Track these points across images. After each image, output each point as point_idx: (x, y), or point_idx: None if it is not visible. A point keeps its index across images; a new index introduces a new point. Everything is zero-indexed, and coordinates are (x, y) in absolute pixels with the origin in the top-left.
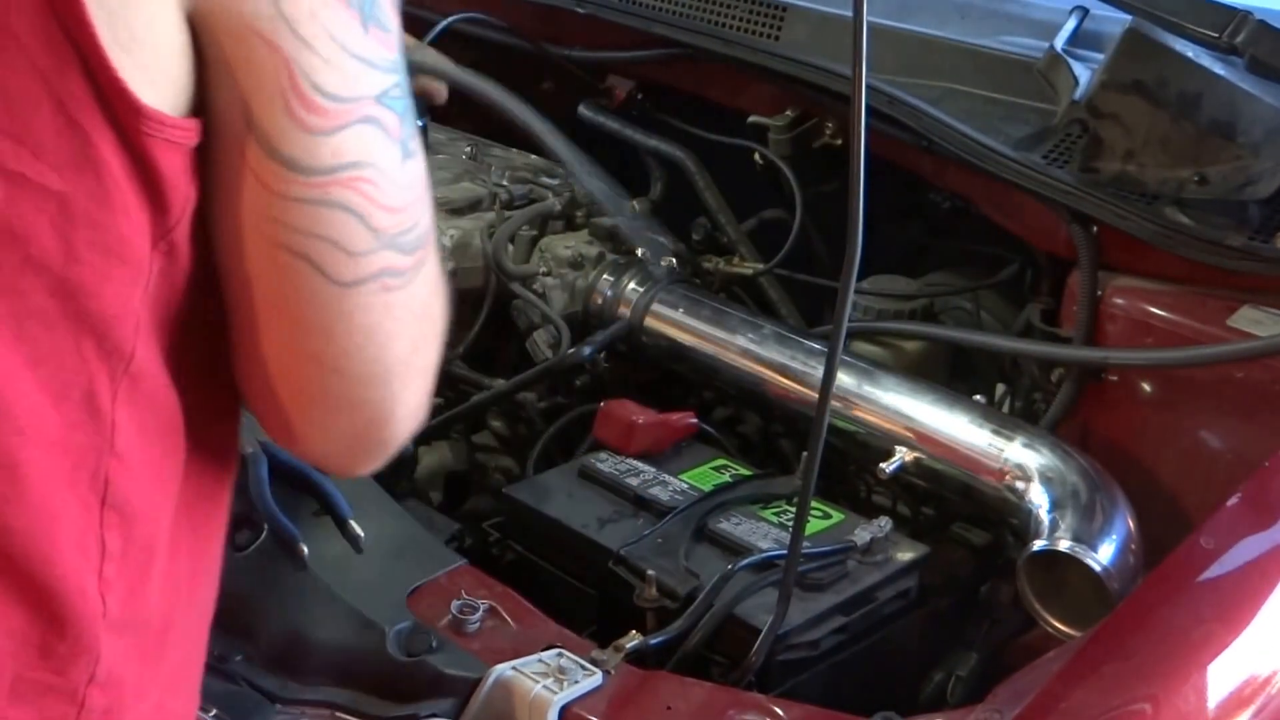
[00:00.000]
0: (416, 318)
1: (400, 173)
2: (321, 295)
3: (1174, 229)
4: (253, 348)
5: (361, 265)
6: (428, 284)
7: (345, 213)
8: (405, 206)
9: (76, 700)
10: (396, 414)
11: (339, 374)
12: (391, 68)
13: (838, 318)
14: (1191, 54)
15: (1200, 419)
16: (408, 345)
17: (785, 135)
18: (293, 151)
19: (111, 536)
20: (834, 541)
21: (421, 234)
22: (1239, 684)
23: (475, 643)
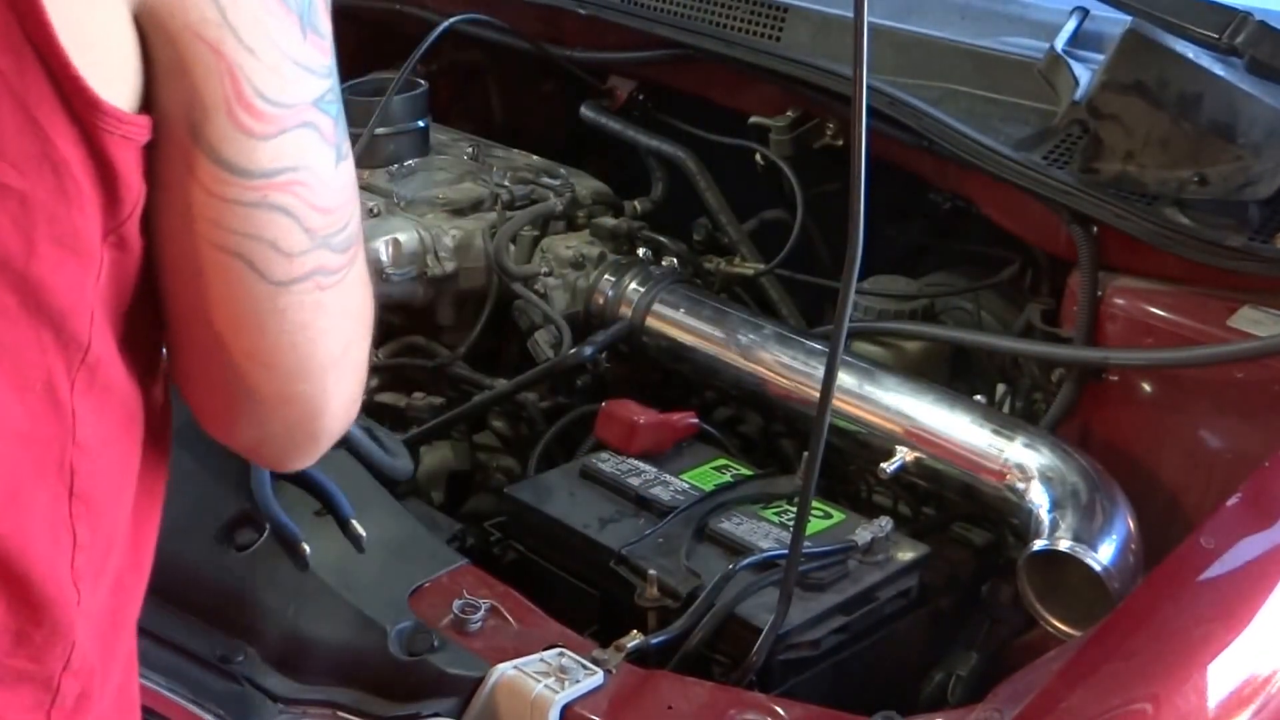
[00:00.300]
0: (348, 314)
1: (333, 175)
2: (256, 294)
3: (1174, 229)
4: (188, 341)
5: (296, 265)
6: (358, 282)
7: (282, 215)
8: (337, 208)
9: (51, 687)
10: (328, 408)
11: (271, 370)
12: (327, 73)
13: (839, 318)
14: (1191, 55)
15: (1200, 419)
16: (339, 342)
17: (786, 136)
18: (233, 156)
19: (81, 527)
20: (835, 541)
21: (352, 233)
22: (1239, 683)
23: (477, 642)
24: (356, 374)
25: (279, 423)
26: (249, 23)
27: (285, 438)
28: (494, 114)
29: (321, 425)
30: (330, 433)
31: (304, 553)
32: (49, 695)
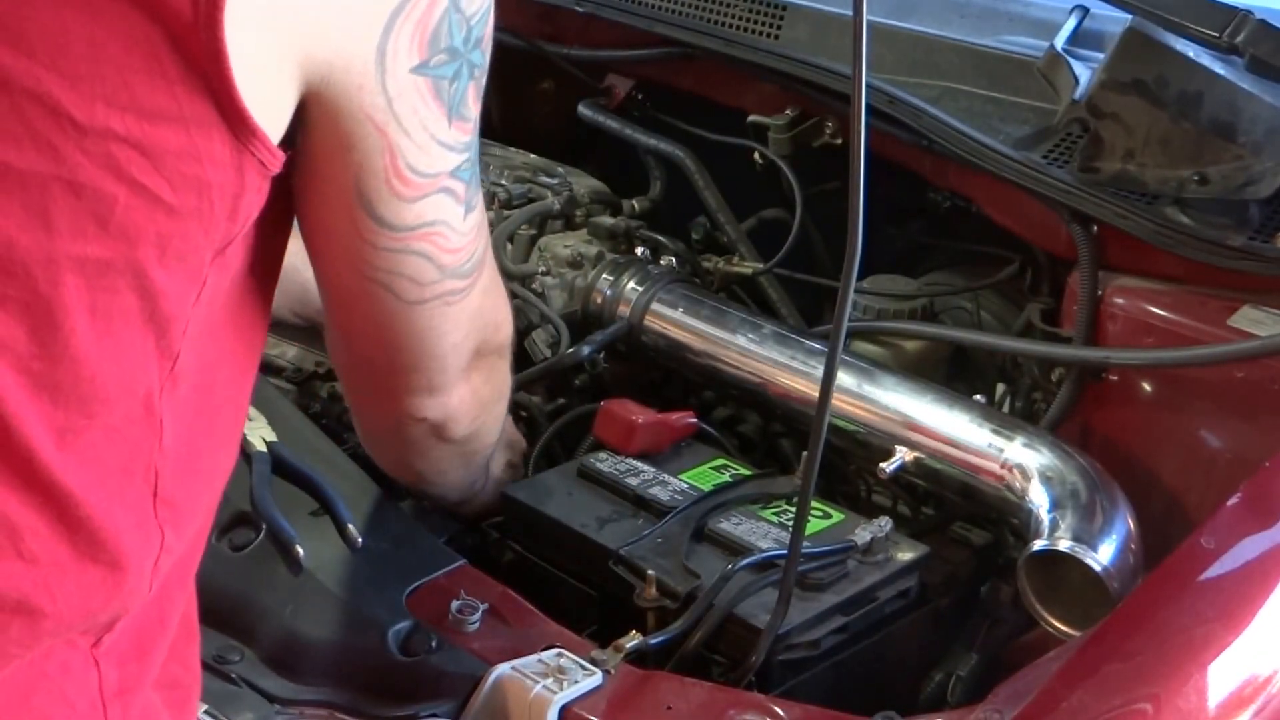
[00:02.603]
0: (469, 317)
1: (463, 225)
2: (393, 309)
3: (1174, 229)
4: (343, 336)
5: (428, 291)
6: (481, 293)
7: (420, 258)
8: (464, 248)
9: (96, 667)
10: (466, 404)
11: (412, 368)
12: (465, 149)
13: (838, 317)
14: (1192, 53)
15: (1200, 419)
16: (469, 346)
17: (785, 134)
18: (386, 214)
19: (169, 530)
20: (834, 541)
21: (476, 261)
22: (1240, 684)
23: (475, 643)
24: (476, 358)
25: (421, 403)
26: (408, 111)
27: (424, 418)
28: (491, 112)
29: (446, 409)
30: (449, 405)
31: (298, 555)
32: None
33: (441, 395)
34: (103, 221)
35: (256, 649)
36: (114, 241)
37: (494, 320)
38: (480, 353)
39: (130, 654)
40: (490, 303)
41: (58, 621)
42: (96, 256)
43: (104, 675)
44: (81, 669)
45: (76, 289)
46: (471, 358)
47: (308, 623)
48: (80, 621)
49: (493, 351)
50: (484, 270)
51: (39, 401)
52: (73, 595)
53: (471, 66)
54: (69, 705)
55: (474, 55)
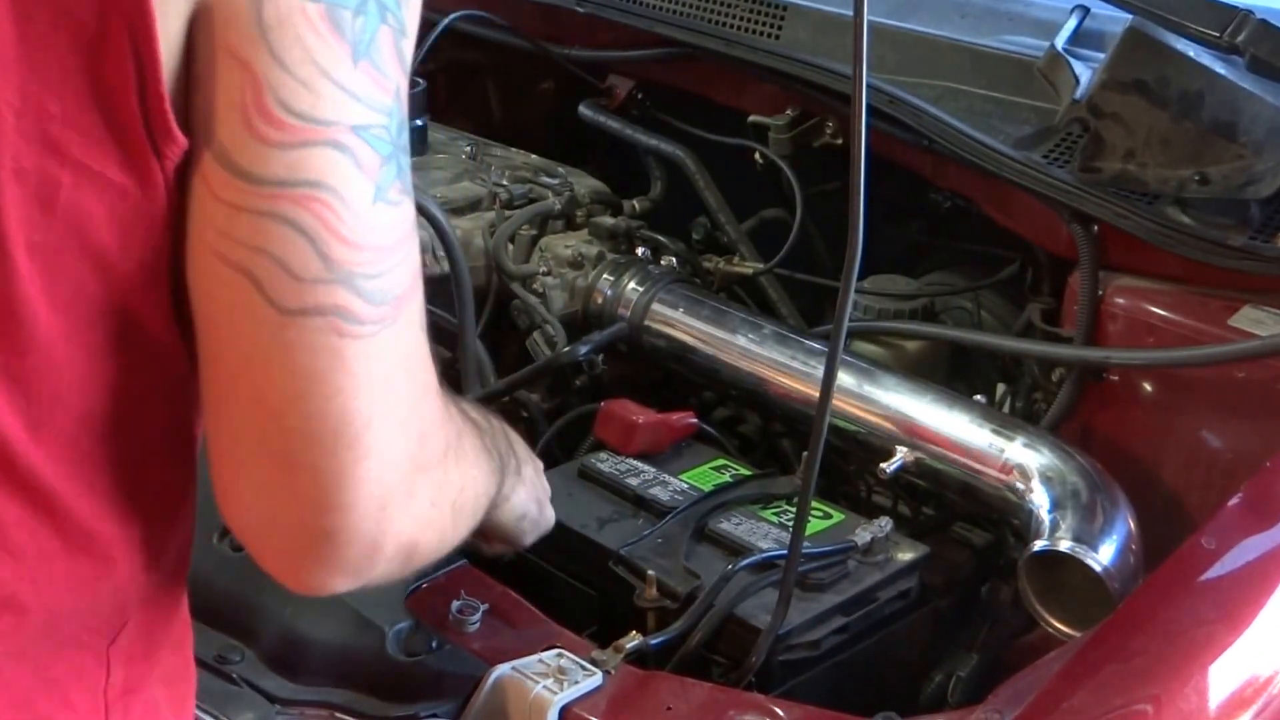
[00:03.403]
0: (380, 384)
1: (369, 212)
2: (260, 318)
3: (1175, 229)
4: (207, 382)
5: (306, 293)
6: (400, 352)
7: (293, 230)
8: (370, 248)
9: (105, 665)
10: (345, 498)
11: (277, 421)
12: (382, 109)
13: (838, 317)
14: (1192, 53)
15: (1201, 419)
16: (362, 415)
17: (786, 135)
18: (245, 161)
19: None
20: (834, 541)
21: (392, 288)
22: (1240, 684)
23: (475, 643)
24: (392, 469)
25: (284, 499)
26: (288, 41)
27: (291, 526)
28: (492, 113)
29: (336, 522)
30: (352, 539)
31: None
32: (104, 672)
33: (330, 514)
34: (48, 205)
35: (257, 649)
36: (63, 225)
37: (411, 414)
38: (420, 463)
39: (140, 653)
40: (417, 389)
41: (46, 617)
42: (45, 242)
43: (112, 675)
44: (92, 670)
45: (32, 276)
46: (409, 461)
47: (308, 623)
48: (73, 617)
49: (433, 464)
50: (407, 326)
51: (11, 394)
52: (60, 589)
53: (384, 9)
54: (70, 708)
55: (389, 1)
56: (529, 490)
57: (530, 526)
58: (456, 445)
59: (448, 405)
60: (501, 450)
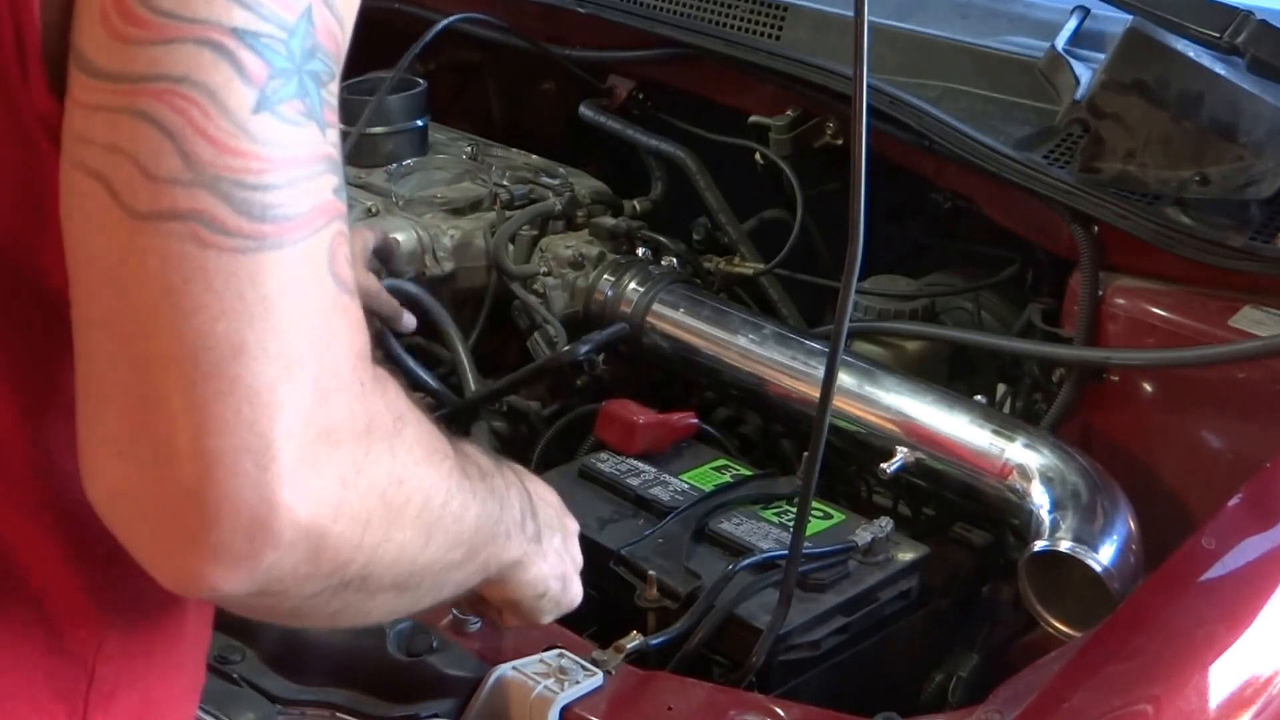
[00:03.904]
0: (256, 309)
1: (250, 120)
2: (112, 225)
3: (1175, 229)
4: (73, 317)
5: (162, 194)
6: (290, 281)
7: (151, 126)
8: (246, 154)
9: (87, 670)
10: (207, 443)
11: (128, 347)
12: (277, 21)
13: (839, 318)
14: (1193, 54)
15: (1201, 419)
16: (231, 339)
17: (786, 135)
18: (103, 61)
19: None
20: (835, 542)
21: (279, 206)
22: (1241, 684)
23: (476, 643)
24: (276, 429)
25: (139, 450)
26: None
27: (151, 488)
28: (493, 113)
29: (199, 478)
30: (224, 506)
31: None
32: (85, 678)
33: (187, 463)
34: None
35: (258, 649)
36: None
37: (335, 377)
38: (324, 428)
39: (139, 649)
40: (316, 329)
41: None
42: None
43: (97, 678)
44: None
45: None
46: (302, 416)
47: None
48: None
49: (346, 435)
50: (310, 258)
51: None
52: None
53: None
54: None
55: None
56: (552, 564)
57: (550, 606)
58: (391, 430)
59: (384, 387)
60: (514, 504)
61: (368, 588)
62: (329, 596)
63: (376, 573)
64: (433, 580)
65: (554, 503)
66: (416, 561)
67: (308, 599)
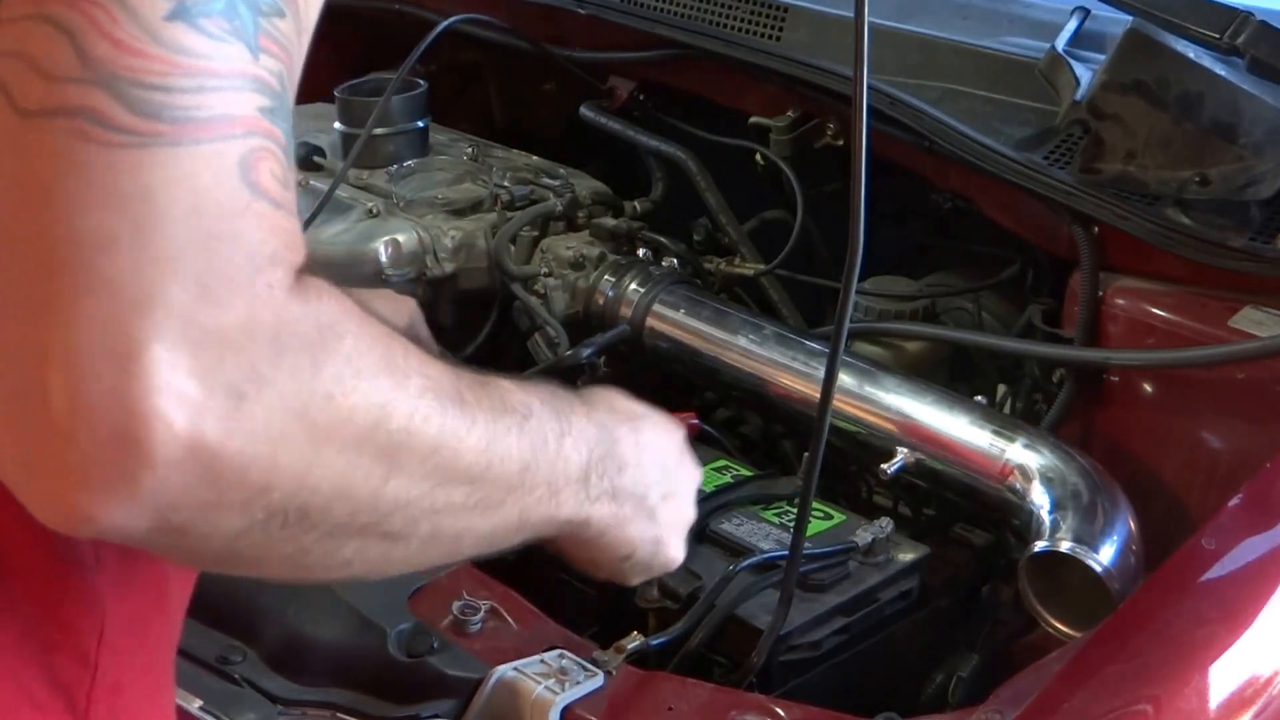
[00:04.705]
0: (136, 202)
1: (161, 26)
2: (0, 123)
3: (1175, 230)
4: None
5: (53, 92)
6: (184, 178)
7: (52, 27)
8: (150, 56)
9: (89, 663)
10: (58, 342)
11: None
12: None
13: (839, 318)
14: (1193, 55)
15: (1202, 420)
16: (101, 231)
17: (786, 136)
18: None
19: None
20: (835, 542)
21: (184, 109)
22: (1241, 685)
23: (477, 643)
24: (143, 325)
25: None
26: None
27: (7, 397)
28: (494, 114)
29: (51, 381)
30: (83, 415)
31: None
32: (88, 672)
33: (48, 381)
34: None
35: (259, 649)
36: None
37: (229, 274)
38: (216, 332)
39: (136, 645)
40: (209, 237)
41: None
42: None
43: (100, 674)
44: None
45: None
46: (182, 315)
47: (310, 623)
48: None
49: (245, 342)
50: (216, 164)
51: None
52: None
53: None
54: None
55: None
56: (640, 527)
57: (638, 569)
58: (315, 340)
59: (314, 295)
60: (569, 457)
61: (320, 526)
62: (267, 537)
63: (318, 504)
64: (430, 526)
65: (658, 458)
66: (382, 496)
67: (235, 538)
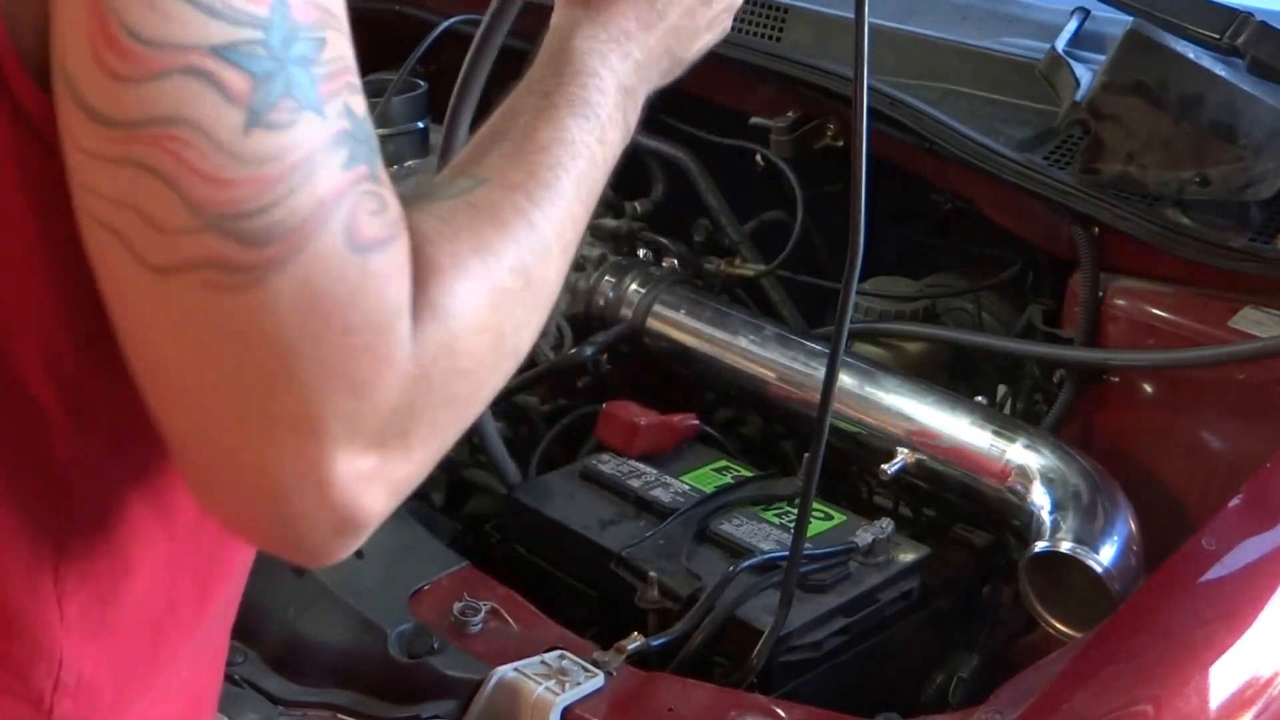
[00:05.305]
0: (269, 340)
1: (241, 143)
2: (134, 281)
3: (1175, 230)
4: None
5: (177, 247)
6: (307, 291)
7: (150, 176)
8: (244, 182)
9: (43, 708)
10: (266, 481)
11: (178, 399)
12: (250, 21)
13: (839, 319)
14: (1193, 55)
15: (1201, 420)
16: (265, 376)
17: (787, 137)
18: (97, 101)
19: (73, 540)
20: (836, 543)
21: (283, 221)
22: (1241, 685)
23: (477, 644)
24: (304, 433)
25: (228, 495)
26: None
27: (234, 516)
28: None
29: (284, 510)
30: (314, 511)
31: None
32: (42, 715)
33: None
34: None
35: (260, 650)
36: None
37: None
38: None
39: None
40: (326, 331)
41: None
42: None
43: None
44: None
45: None
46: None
47: (311, 624)
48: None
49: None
50: (300, 263)
51: None
52: None
53: None
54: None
55: None
56: (650, 51)
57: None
58: (449, 351)
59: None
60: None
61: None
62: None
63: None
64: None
65: (671, 34)
66: (526, 344)
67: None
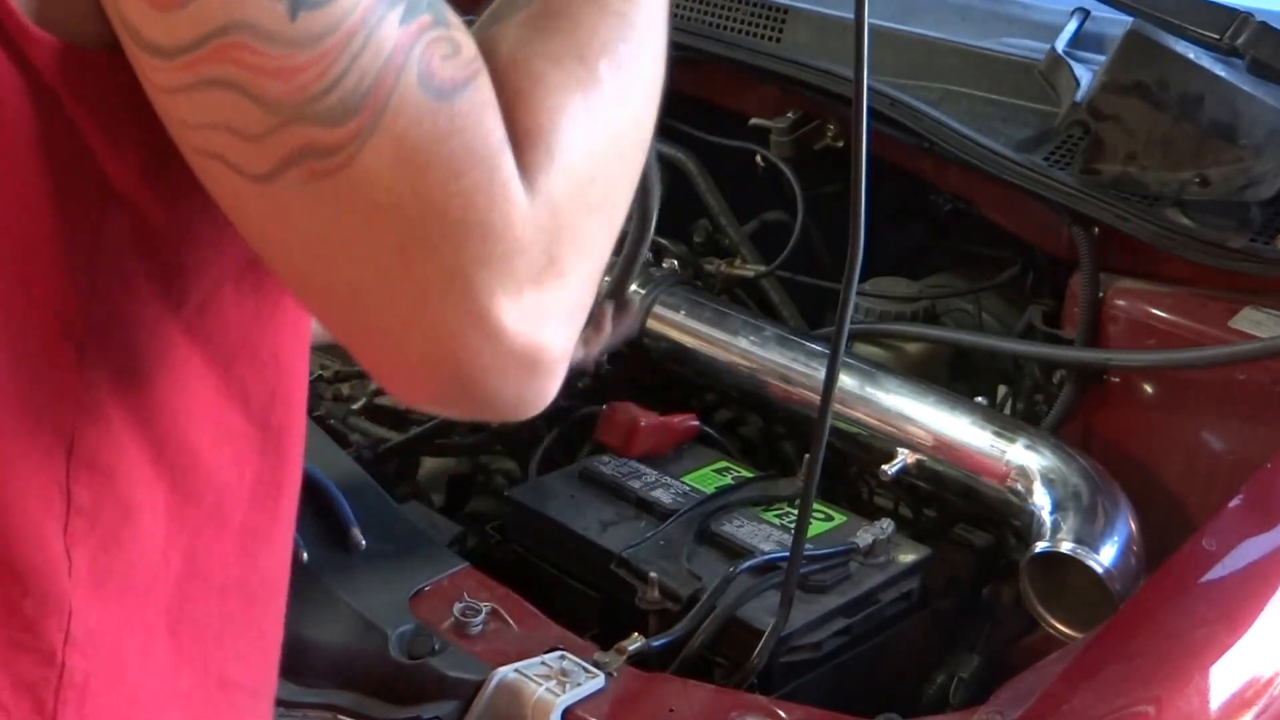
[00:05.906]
0: (382, 208)
1: (288, 28)
2: (244, 196)
3: (1175, 231)
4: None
5: (269, 150)
6: (405, 148)
7: (225, 90)
8: (305, 66)
9: (55, 663)
10: (434, 349)
11: (325, 300)
12: None
13: (839, 320)
14: (1193, 55)
15: (1202, 420)
16: (399, 248)
17: (787, 137)
18: (154, 36)
19: (79, 490)
20: (836, 543)
21: (351, 93)
22: (1241, 685)
23: (478, 645)
24: (424, 291)
25: (391, 371)
26: None
27: (423, 394)
28: None
29: (453, 370)
30: (433, 371)
31: (301, 558)
32: (53, 671)
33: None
34: None
35: None
36: None
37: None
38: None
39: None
40: (436, 193)
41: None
42: None
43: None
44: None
45: None
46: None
47: (311, 625)
48: None
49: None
50: (386, 116)
51: None
52: None
53: None
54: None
55: None
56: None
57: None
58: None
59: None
60: None
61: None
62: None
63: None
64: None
65: None
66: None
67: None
